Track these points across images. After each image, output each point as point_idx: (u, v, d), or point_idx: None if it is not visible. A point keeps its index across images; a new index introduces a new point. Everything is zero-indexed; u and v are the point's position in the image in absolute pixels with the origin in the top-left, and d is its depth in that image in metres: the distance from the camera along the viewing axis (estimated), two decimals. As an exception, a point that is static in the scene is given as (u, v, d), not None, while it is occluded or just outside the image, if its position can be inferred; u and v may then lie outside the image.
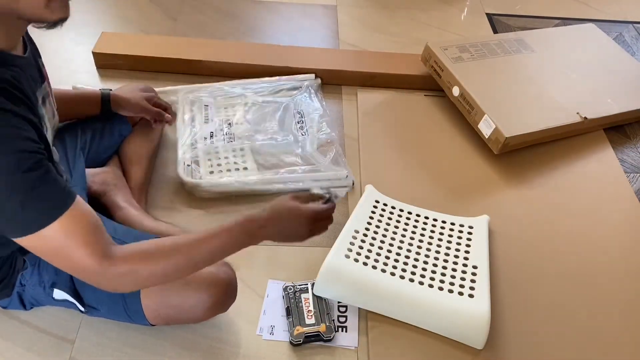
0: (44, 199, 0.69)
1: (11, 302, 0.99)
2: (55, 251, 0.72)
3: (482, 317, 1.04)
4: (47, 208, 0.69)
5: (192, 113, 1.47)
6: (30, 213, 0.68)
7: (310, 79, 1.61)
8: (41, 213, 0.69)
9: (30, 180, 0.67)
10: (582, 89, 1.62)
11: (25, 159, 0.67)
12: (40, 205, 0.69)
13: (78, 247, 0.71)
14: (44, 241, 0.70)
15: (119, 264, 0.74)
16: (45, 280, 0.95)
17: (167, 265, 0.78)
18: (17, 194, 0.67)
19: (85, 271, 0.74)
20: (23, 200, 0.67)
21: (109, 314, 0.98)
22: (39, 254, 0.74)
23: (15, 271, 0.95)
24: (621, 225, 1.36)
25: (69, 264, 0.74)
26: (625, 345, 1.11)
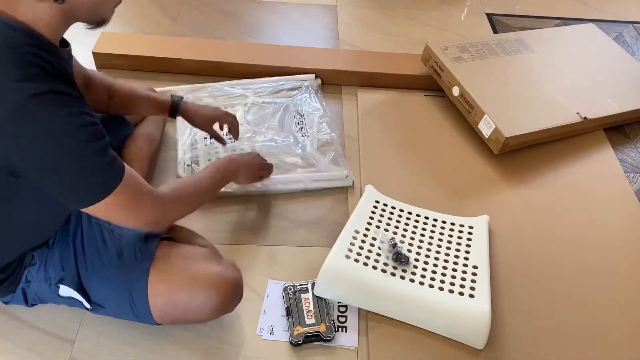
0: (110, 161, 0.79)
1: (14, 297, 0.99)
2: (131, 202, 0.82)
3: (483, 317, 1.04)
4: (115, 170, 0.80)
5: None
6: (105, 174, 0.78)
7: (311, 79, 1.62)
8: (112, 173, 0.79)
9: (99, 148, 0.77)
10: (582, 89, 1.62)
11: (91, 132, 0.76)
12: (109, 167, 0.79)
13: (144, 191, 0.85)
14: (118, 199, 0.79)
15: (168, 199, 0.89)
16: (51, 277, 0.95)
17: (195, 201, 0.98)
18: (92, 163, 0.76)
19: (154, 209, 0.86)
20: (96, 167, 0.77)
21: (115, 312, 0.99)
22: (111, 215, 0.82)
23: (23, 267, 0.95)
24: (621, 225, 1.36)
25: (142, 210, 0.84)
26: (625, 345, 1.11)
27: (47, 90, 0.72)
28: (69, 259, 0.95)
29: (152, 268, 0.94)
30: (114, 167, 0.80)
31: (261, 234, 1.24)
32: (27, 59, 0.72)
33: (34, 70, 0.72)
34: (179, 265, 0.96)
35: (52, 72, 0.74)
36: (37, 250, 0.95)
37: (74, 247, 0.96)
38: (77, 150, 0.75)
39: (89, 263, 0.95)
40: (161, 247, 0.98)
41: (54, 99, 0.72)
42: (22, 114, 0.70)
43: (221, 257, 1.03)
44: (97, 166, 0.77)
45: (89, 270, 0.95)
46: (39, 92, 0.71)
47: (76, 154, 0.75)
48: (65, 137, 0.73)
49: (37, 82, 0.71)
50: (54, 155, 0.74)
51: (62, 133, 0.73)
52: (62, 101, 0.73)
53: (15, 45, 0.71)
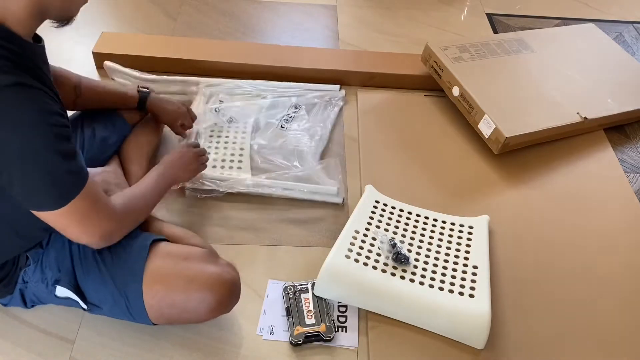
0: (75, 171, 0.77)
1: (12, 299, 0.99)
2: (81, 219, 0.81)
3: (483, 317, 1.04)
4: (78, 179, 0.78)
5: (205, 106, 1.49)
6: (66, 184, 0.76)
7: (335, 89, 1.60)
8: (74, 184, 0.77)
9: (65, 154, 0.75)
10: (582, 89, 1.62)
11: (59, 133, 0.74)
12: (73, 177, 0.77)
13: (100, 208, 0.83)
14: (73, 210, 0.78)
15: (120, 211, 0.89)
16: (48, 277, 0.95)
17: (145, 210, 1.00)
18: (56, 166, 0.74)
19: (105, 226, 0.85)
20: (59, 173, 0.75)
21: (111, 313, 0.98)
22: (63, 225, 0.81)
23: (18, 268, 0.95)
24: (621, 225, 1.35)
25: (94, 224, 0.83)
26: (625, 345, 1.11)
27: (15, 82, 0.71)
28: (65, 260, 0.95)
29: (148, 268, 0.93)
30: (76, 176, 0.78)
31: (261, 234, 1.24)
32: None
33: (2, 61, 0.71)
34: (175, 266, 0.95)
35: (21, 65, 0.73)
36: (30, 251, 0.95)
37: (69, 248, 0.96)
38: (42, 149, 0.73)
39: (84, 264, 0.95)
40: (157, 248, 0.97)
41: (22, 92, 0.71)
42: None
43: (218, 258, 1.02)
44: (59, 172, 0.75)
45: (85, 271, 0.94)
46: (7, 84, 0.70)
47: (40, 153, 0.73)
48: (31, 133, 0.72)
49: (5, 75, 0.70)
50: (17, 151, 0.72)
51: (28, 128, 0.72)
52: (31, 95, 0.72)
53: None
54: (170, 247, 1.00)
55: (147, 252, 0.95)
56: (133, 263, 0.94)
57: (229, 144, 1.41)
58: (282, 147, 1.42)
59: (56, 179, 0.75)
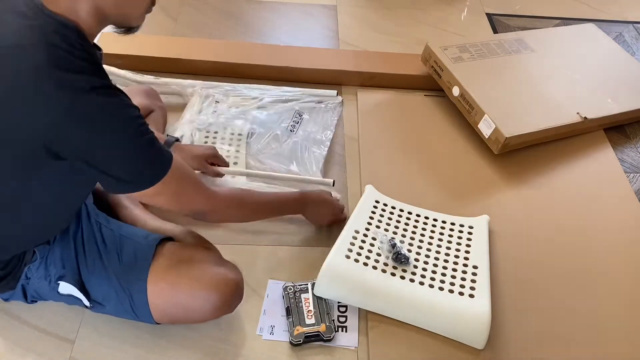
0: (160, 150, 0.83)
1: (14, 294, 0.99)
2: (177, 189, 0.87)
3: (483, 317, 1.04)
4: (164, 158, 0.84)
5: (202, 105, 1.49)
6: (157, 162, 0.83)
7: (332, 95, 1.59)
8: (162, 163, 0.83)
9: (150, 139, 0.81)
10: (582, 89, 1.62)
11: (141, 123, 0.80)
12: (160, 156, 0.83)
13: (193, 181, 0.90)
14: (167, 186, 0.84)
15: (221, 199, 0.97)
16: (51, 274, 0.95)
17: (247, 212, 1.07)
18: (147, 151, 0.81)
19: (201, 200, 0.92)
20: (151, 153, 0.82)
21: (115, 311, 0.98)
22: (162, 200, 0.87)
23: (23, 264, 0.95)
24: (621, 225, 1.35)
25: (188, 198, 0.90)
26: (625, 344, 1.11)
27: (102, 84, 0.76)
28: (70, 257, 0.95)
29: (153, 267, 0.94)
30: (163, 155, 0.84)
31: (261, 234, 1.24)
32: (81, 56, 0.75)
33: (87, 66, 0.75)
34: (180, 265, 0.96)
35: (98, 68, 0.78)
36: (38, 246, 0.95)
37: (74, 246, 0.96)
38: (137, 139, 0.79)
39: (90, 261, 0.95)
40: (163, 247, 0.98)
41: (110, 92, 0.76)
42: (83, 103, 0.73)
43: (222, 259, 1.03)
44: (152, 153, 0.82)
45: (90, 269, 0.95)
46: (97, 86, 0.75)
47: (133, 142, 0.79)
48: (124, 126, 0.78)
49: (93, 77, 0.75)
50: (112, 142, 0.77)
51: (121, 122, 0.77)
52: (116, 94, 0.77)
53: (70, 42, 0.74)
54: (175, 247, 1.00)
55: (154, 252, 0.96)
56: (139, 262, 0.94)
57: (224, 146, 1.41)
58: (278, 153, 1.41)
59: (147, 161, 0.82)
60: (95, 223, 1.00)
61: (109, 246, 0.96)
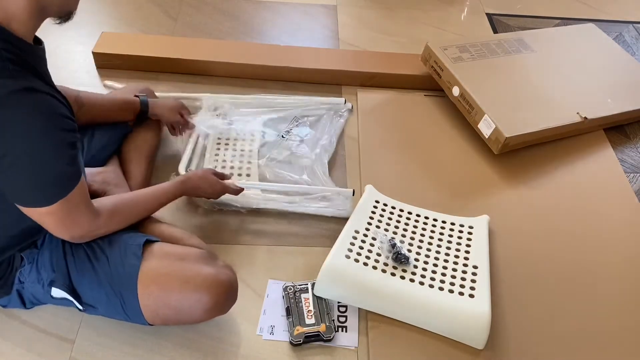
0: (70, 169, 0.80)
1: (11, 300, 0.99)
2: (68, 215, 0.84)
3: (483, 317, 1.04)
4: (71, 182, 0.80)
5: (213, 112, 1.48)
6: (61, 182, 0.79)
7: (340, 102, 1.58)
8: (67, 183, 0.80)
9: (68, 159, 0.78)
10: (582, 89, 1.62)
11: (66, 138, 0.77)
12: (68, 175, 0.80)
13: (82, 211, 0.86)
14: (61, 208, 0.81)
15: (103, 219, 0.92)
16: (43, 278, 0.95)
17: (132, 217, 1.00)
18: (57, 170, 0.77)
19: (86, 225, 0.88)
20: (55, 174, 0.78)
21: (107, 313, 0.98)
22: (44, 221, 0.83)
23: (14, 269, 0.95)
24: (621, 225, 1.35)
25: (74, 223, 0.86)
26: (625, 345, 1.11)
27: (25, 87, 0.72)
28: (60, 261, 0.95)
29: (143, 268, 0.93)
30: (70, 180, 0.81)
31: (261, 234, 1.24)
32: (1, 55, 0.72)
33: (8, 65, 0.72)
34: (170, 266, 0.94)
35: (27, 68, 0.73)
36: (25, 251, 0.95)
37: (63, 249, 0.95)
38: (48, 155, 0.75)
39: (79, 265, 0.94)
40: (153, 248, 0.97)
41: (32, 97, 0.73)
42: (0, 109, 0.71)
43: (216, 258, 1.01)
44: (56, 174, 0.78)
45: (80, 272, 0.94)
46: (17, 89, 0.71)
47: (45, 158, 0.75)
48: (41, 139, 0.74)
49: (13, 79, 0.71)
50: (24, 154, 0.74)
51: (39, 134, 0.74)
52: (41, 99, 0.74)
53: None
54: (166, 248, 0.99)
55: (142, 252, 0.95)
56: (128, 263, 0.94)
57: (236, 157, 1.39)
58: (290, 161, 1.40)
59: (50, 181, 0.78)
60: None
61: (97, 249, 0.95)
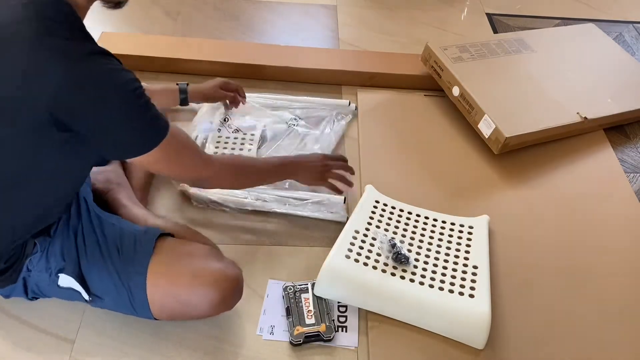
0: (157, 115, 0.84)
1: (14, 290, 0.98)
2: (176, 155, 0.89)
3: (483, 317, 1.04)
4: (161, 122, 0.85)
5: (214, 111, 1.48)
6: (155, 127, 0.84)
7: (344, 104, 1.56)
8: (159, 127, 0.84)
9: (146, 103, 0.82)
10: (582, 89, 1.62)
11: (137, 87, 0.81)
12: (158, 120, 0.84)
13: (190, 148, 0.93)
14: (167, 148, 0.85)
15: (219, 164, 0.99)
16: (52, 267, 0.95)
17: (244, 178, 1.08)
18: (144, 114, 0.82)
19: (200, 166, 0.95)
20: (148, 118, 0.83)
21: (113, 305, 0.99)
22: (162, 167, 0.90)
23: (25, 255, 0.95)
24: (621, 225, 1.35)
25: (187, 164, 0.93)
26: (625, 345, 1.11)
27: (96, 50, 0.79)
28: (71, 250, 0.95)
29: (152, 262, 0.94)
30: (162, 119, 0.85)
31: (261, 234, 1.24)
32: (74, 26, 0.79)
33: (80, 34, 0.79)
34: (179, 261, 0.96)
35: (92, 38, 0.81)
36: (38, 237, 0.95)
37: (75, 239, 0.96)
38: (135, 102, 0.81)
39: (90, 254, 0.95)
40: (162, 242, 0.98)
41: (104, 57, 0.79)
42: (79, 67, 0.75)
43: (222, 255, 1.03)
44: (149, 117, 0.83)
45: (90, 262, 0.95)
46: (91, 51, 0.78)
47: (134, 105, 0.81)
48: (122, 90, 0.79)
49: (86, 42, 0.79)
50: (112, 105, 0.79)
51: (121, 86, 0.79)
52: (113, 61, 0.80)
53: (67, 14, 0.78)
54: (175, 243, 1.01)
55: (153, 246, 0.96)
56: (138, 256, 0.95)
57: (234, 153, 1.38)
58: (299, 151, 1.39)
59: (148, 124, 0.83)
60: (95, 217, 1.00)
61: (109, 240, 0.96)
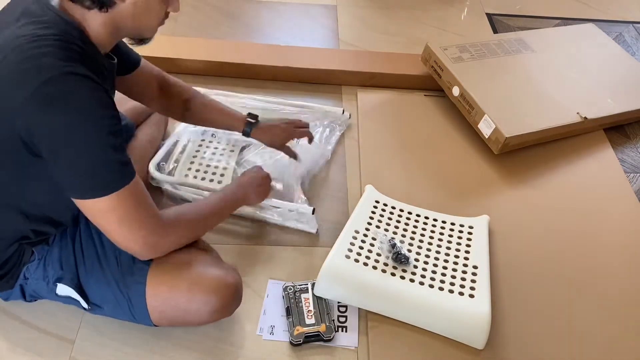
0: (125, 162, 0.79)
1: (12, 293, 0.99)
2: (129, 212, 0.81)
3: (483, 317, 1.04)
4: (126, 171, 0.79)
5: None
6: (117, 171, 0.78)
7: (337, 113, 1.53)
8: (122, 173, 0.79)
9: (117, 145, 0.77)
10: (582, 89, 1.62)
11: (115, 128, 0.77)
12: (122, 165, 0.79)
13: (145, 209, 0.83)
14: (122, 202, 0.79)
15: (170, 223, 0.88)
16: (49, 276, 0.95)
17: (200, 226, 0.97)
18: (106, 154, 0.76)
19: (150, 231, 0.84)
20: (109, 160, 0.77)
21: (113, 313, 0.98)
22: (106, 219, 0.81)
23: (22, 263, 0.95)
24: (621, 225, 1.35)
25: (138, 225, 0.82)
26: (625, 345, 1.11)
27: (85, 74, 0.74)
28: (69, 260, 0.95)
29: (152, 270, 0.94)
30: (126, 168, 0.80)
31: (261, 234, 1.24)
32: (72, 47, 0.76)
33: (76, 56, 0.75)
34: (178, 268, 0.95)
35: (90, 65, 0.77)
36: (37, 246, 0.95)
37: (73, 248, 0.96)
38: (100, 137, 0.76)
39: (88, 264, 0.95)
40: None
41: (89, 83, 0.75)
42: (55, 85, 0.72)
43: (222, 261, 1.03)
44: (110, 160, 0.77)
45: (88, 271, 0.95)
46: (76, 72, 0.74)
47: (97, 140, 0.76)
48: (91, 120, 0.75)
49: (77, 65, 0.75)
50: (75, 134, 0.74)
51: (90, 115, 0.75)
52: (97, 88, 0.76)
53: (67, 35, 0.76)
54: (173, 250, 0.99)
55: None
56: (137, 264, 0.94)
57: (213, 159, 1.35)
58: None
59: (105, 167, 0.77)
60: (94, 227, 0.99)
61: (108, 249, 0.95)
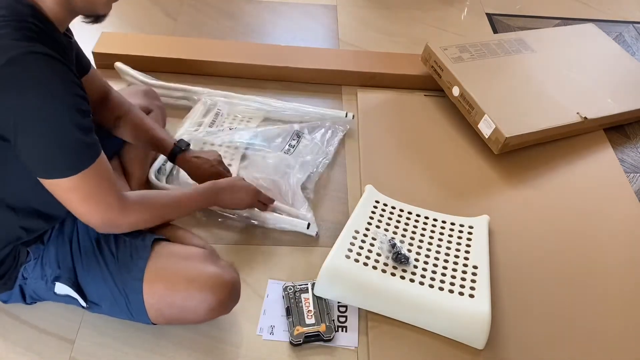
0: (89, 140, 0.78)
1: (12, 295, 0.99)
2: (94, 189, 0.81)
3: (483, 317, 1.04)
4: (91, 151, 0.79)
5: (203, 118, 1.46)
6: (80, 151, 0.78)
7: (340, 115, 1.52)
8: (87, 153, 0.78)
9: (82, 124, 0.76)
10: (582, 89, 1.62)
11: (80, 106, 0.76)
12: (87, 145, 0.78)
13: (111, 187, 0.83)
14: (85, 182, 0.79)
15: (132, 205, 0.88)
16: (47, 275, 0.95)
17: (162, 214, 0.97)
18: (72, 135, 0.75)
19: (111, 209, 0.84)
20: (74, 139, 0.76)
21: (111, 311, 0.98)
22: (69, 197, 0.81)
23: (19, 264, 0.95)
24: (621, 225, 1.35)
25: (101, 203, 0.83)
26: (625, 345, 1.11)
27: (44, 52, 0.74)
28: (66, 257, 0.95)
29: (148, 267, 0.94)
30: (90, 149, 0.79)
31: (261, 234, 1.24)
32: (28, 26, 0.75)
33: (33, 35, 0.74)
34: (175, 265, 0.95)
35: (48, 42, 0.76)
36: (31, 246, 0.95)
37: (70, 246, 0.96)
38: (64, 115, 0.75)
39: (85, 261, 0.95)
40: (157, 247, 0.98)
41: (51, 61, 0.74)
42: (16, 65, 0.72)
43: (218, 258, 1.02)
44: (75, 140, 0.76)
45: (85, 269, 0.95)
46: (36, 51, 0.73)
47: (59, 120, 0.75)
48: (54, 100, 0.74)
49: (36, 44, 0.73)
50: (37, 115, 0.74)
51: (53, 94, 0.74)
52: (59, 66, 0.75)
53: (20, 15, 0.75)
54: (171, 247, 1.00)
55: (150, 252, 0.95)
56: (134, 261, 0.94)
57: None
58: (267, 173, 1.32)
59: (70, 147, 0.77)
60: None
61: (105, 246, 0.96)
